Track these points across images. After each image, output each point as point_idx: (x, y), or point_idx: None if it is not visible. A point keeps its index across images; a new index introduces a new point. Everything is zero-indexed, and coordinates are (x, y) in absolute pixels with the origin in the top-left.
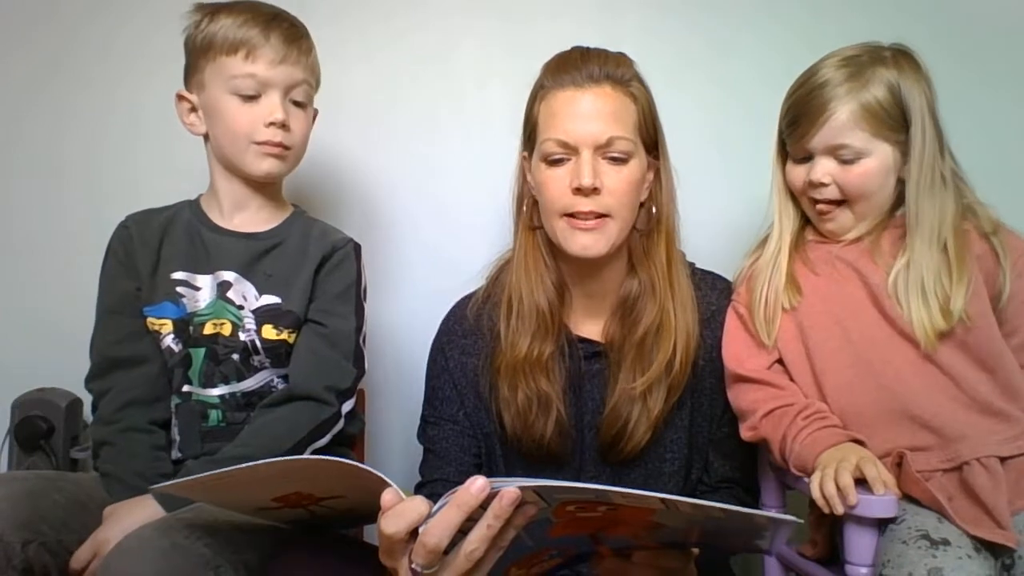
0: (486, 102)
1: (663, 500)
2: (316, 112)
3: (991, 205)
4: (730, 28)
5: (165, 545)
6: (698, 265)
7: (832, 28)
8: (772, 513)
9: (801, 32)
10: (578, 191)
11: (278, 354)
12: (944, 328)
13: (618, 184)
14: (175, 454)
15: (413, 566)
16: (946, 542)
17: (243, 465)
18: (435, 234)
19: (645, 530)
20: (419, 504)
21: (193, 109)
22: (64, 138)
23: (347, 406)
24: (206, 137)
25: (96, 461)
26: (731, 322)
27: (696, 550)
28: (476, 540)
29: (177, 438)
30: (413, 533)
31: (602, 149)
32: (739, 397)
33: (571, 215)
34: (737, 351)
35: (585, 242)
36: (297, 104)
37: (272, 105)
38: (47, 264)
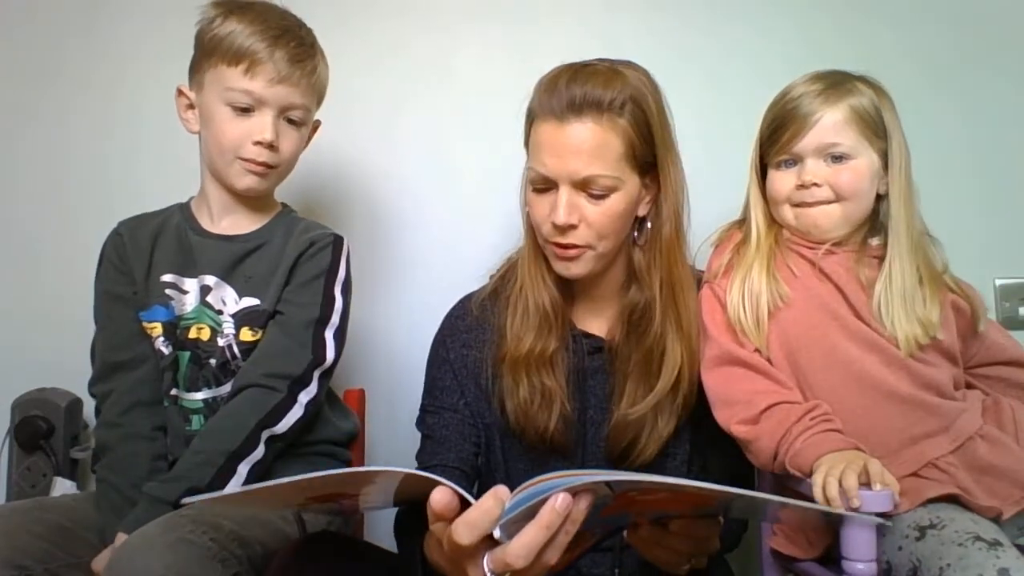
0: (490, 103)
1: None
2: (319, 124)
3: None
4: (730, 29)
5: (171, 539)
6: (695, 266)
7: (831, 29)
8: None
9: (801, 33)
10: (554, 226)
11: None
12: (925, 342)
13: (597, 217)
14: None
15: (487, 572)
16: (999, 543)
17: (283, 480)
18: (437, 236)
19: (692, 507)
20: (491, 509)
21: (191, 106)
22: (66, 139)
23: (304, 395)
24: (200, 136)
25: (95, 464)
26: (711, 303)
27: (722, 518)
28: (555, 548)
29: (167, 441)
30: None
31: (581, 185)
32: (731, 383)
33: (553, 243)
34: (726, 328)
35: (565, 266)
36: (291, 122)
37: (263, 124)
38: (48, 265)
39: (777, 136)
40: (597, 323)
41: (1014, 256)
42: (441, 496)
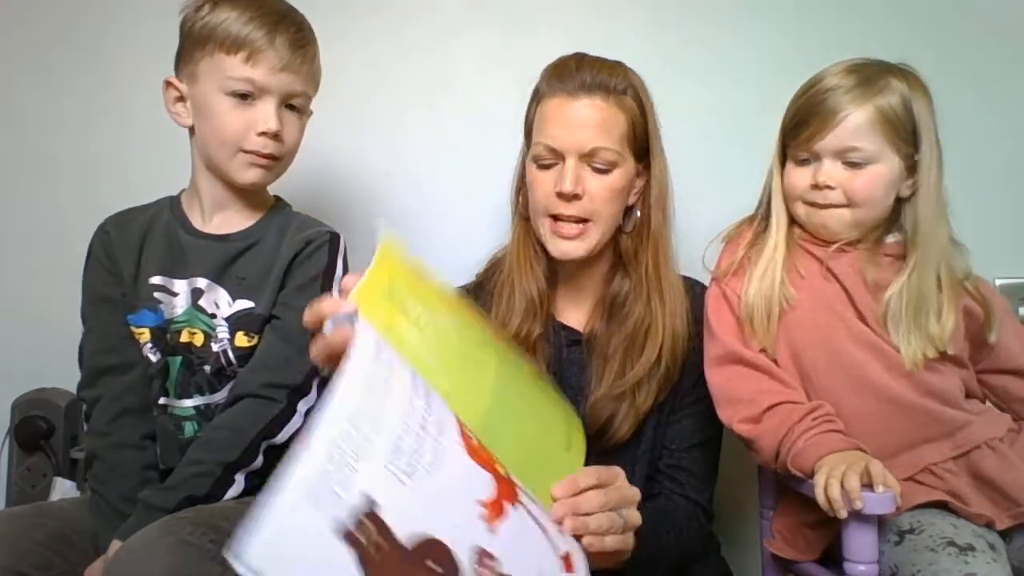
0: (486, 105)
1: None
2: (311, 113)
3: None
4: (723, 36)
5: (170, 542)
6: (693, 269)
7: (826, 37)
8: None
9: (795, 41)
10: (560, 195)
11: None
12: (933, 356)
13: (599, 191)
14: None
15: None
16: (971, 547)
17: None
18: (434, 234)
19: None
20: (331, 305)
21: (181, 99)
22: (63, 137)
23: (304, 404)
24: (191, 130)
25: (87, 472)
26: (719, 301)
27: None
28: None
29: (158, 450)
30: None
31: (587, 158)
32: (735, 382)
33: (555, 217)
34: (732, 328)
35: (566, 248)
36: (293, 109)
37: (266, 113)
38: (47, 264)
39: (799, 130)
40: (576, 316)
41: (1014, 256)
42: (350, 279)
